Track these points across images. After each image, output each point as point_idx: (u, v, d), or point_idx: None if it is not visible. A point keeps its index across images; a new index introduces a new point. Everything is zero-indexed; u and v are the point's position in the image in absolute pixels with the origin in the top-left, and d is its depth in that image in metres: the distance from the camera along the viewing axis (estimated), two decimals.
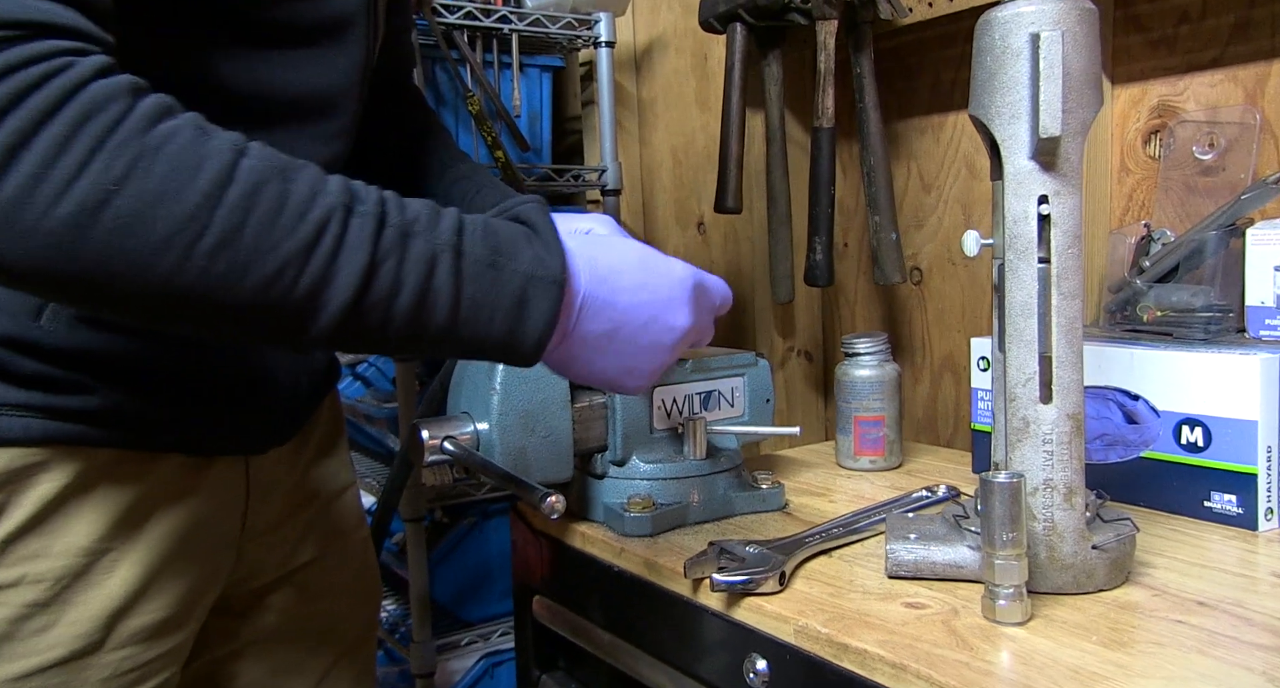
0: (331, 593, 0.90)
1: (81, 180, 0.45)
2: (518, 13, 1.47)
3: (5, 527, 0.63)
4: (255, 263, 0.49)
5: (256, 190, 0.50)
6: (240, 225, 0.49)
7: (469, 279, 0.56)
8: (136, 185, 0.46)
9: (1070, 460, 0.71)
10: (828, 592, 0.75)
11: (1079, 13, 0.69)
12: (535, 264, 0.58)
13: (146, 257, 0.47)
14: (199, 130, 0.50)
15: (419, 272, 0.54)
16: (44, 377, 0.63)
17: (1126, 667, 0.59)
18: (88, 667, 0.67)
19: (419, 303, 0.54)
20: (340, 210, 0.52)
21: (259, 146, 0.52)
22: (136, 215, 0.46)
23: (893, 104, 1.32)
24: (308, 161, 0.54)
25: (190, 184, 0.48)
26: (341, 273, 0.52)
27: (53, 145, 0.45)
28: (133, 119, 0.47)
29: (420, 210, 0.56)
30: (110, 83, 0.47)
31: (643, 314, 0.64)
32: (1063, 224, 0.70)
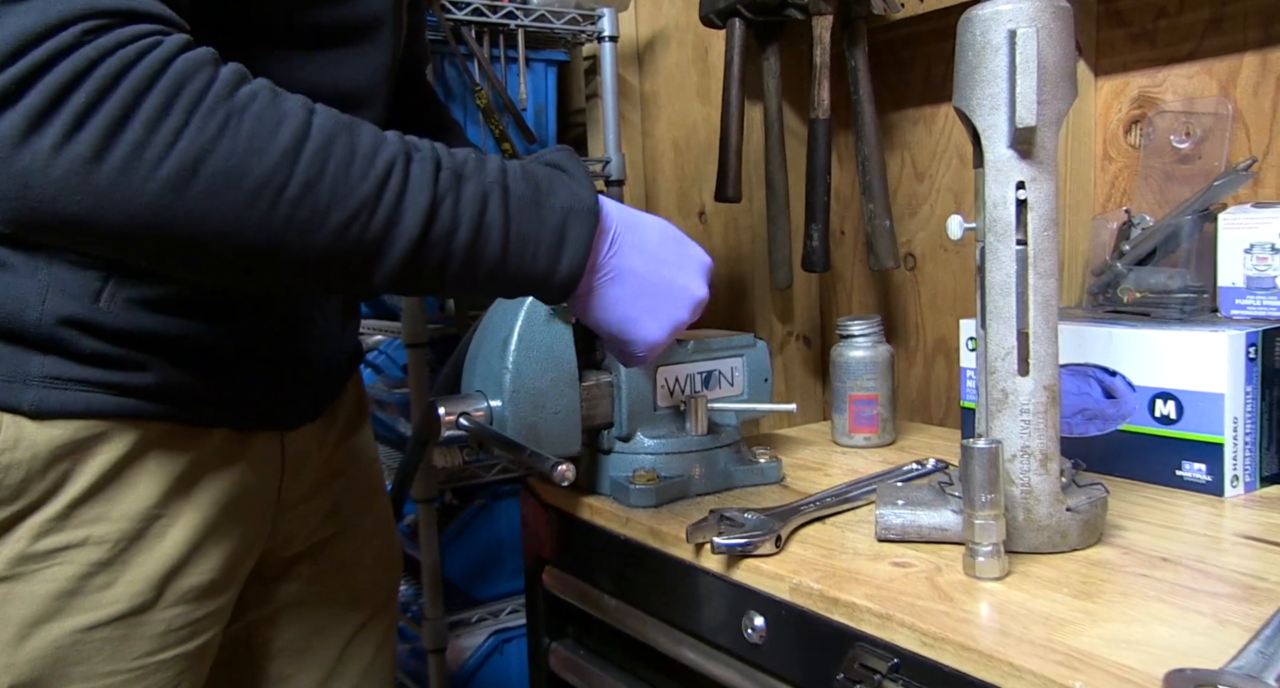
0: (357, 562, 0.95)
1: (180, 143, 0.51)
2: (524, 8, 1.52)
3: (71, 492, 0.69)
4: (334, 207, 0.55)
5: (330, 143, 0.55)
6: (319, 175, 0.55)
7: (515, 215, 0.62)
8: (228, 144, 0.52)
9: (1046, 429, 0.76)
10: (821, 554, 0.80)
11: (1054, 10, 0.73)
12: (571, 198, 0.65)
13: (239, 208, 0.53)
14: (273, 92, 0.55)
15: (473, 209, 0.60)
16: (103, 355, 0.69)
17: (1092, 613, 0.65)
18: (144, 623, 0.72)
19: (474, 238, 0.60)
20: (402, 157, 0.58)
21: (323, 105, 0.58)
22: (229, 171, 0.52)
23: (887, 96, 1.37)
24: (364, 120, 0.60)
25: (273, 140, 0.53)
26: (408, 213, 0.58)
27: (153, 114, 0.50)
28: (218, 85, 0.53)
29: (468, 155, 0.62)
30: (194, 55, 0.53)
31: (666, 271, 0.70)
32: (1039, 208, 0.75)
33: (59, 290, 0.66)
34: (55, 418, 0.68)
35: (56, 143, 0.49)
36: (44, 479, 0.68)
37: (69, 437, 0.68)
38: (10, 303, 0.66)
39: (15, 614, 0.68)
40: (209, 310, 0.73)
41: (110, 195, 0.50)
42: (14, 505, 0.67)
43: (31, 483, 0.67)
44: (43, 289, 0.66)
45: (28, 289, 0.66)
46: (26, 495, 0.67)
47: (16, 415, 0.67)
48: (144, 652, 0.72)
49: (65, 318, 0.67)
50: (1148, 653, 0.58)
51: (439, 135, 1.01)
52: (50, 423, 0.67)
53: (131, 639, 0.72)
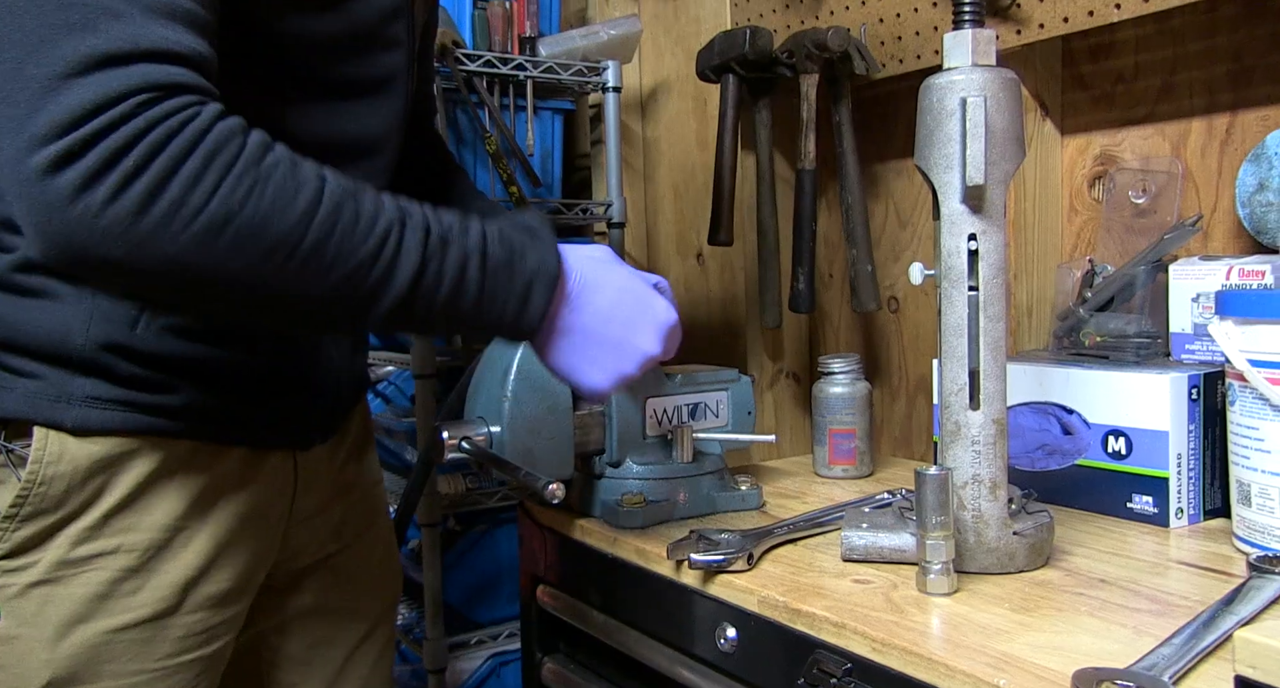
0: (360, 576, 1.02)
1: (212, 203, 0.59)
2: (532, 61, 1.62)
3: (106, 503, 0.76)
4: (337, 264, 0.64)
5: (339, 209, 0.64)
6: (328, 236, 0.64)
7: (490, 275, 0.71)
8: (253, 206, 0.61)
9: (995, 459, 0.83)
10: (789, 571, 0.87)
11: (1002, 81, 0.82)
12: (539, 263, 0.74)
13: (258, 260, 0.61)
14: (293, 161, 0.64)
15: (455, 270, 0.70)
16: (137, 377, 0.77)
17: (1026, 624, 0.72)
18: (167, 626, 0.79)
19: (454, 293, 0.70)
20: (397, 224, 0.67)
21: (332, 171, 0.67)
22: (252, 229, 0.61)
23: (872, 148, 1.45)
24: (366, 184, 0.69)
25: (292, 204, 0.62)
26: (400, 272, 0.67)
27: (190, 178, 0.59)
28: (248, 153, 0.62)
29: (452, 221, 0.71)
30: (227, 125, 0.62)
31: (615, 330, 0.79)
32: (989, 258, 0.83)
33: (102, 319, 0.74)
34: (94, 435, 0.75)
35: (107, 198, 0.57)
36: (83, 491, 0.75)
37: (106, 452, 0.76)
38: (59, 330, 0.74)
39: (55, 615, 0.75)
40: (232, 339, 0.81)
41: (148, 245, 0.59)
42: (56, 514, 0.75)
43: (72, 494, 0.75)
44: (87, 317, 0.74)
45: (74, 317, 0.74)
46: (67, 505, 0.75)
47: (60, 432, 0.74)
48: (167, 653, 0.79)
49: (106, 343, 0.75)
50: (1068, 657, 0.65)
51: (444, 180, 1.10)
52: (90, 439, 0.75)
53: (156, 641, 0.79)
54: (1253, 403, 0.84)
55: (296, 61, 0.76)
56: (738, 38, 1.34)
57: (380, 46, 0.81)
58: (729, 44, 1.35)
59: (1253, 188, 1.01)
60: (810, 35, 1.28)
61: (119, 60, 0.58)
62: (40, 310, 0.73)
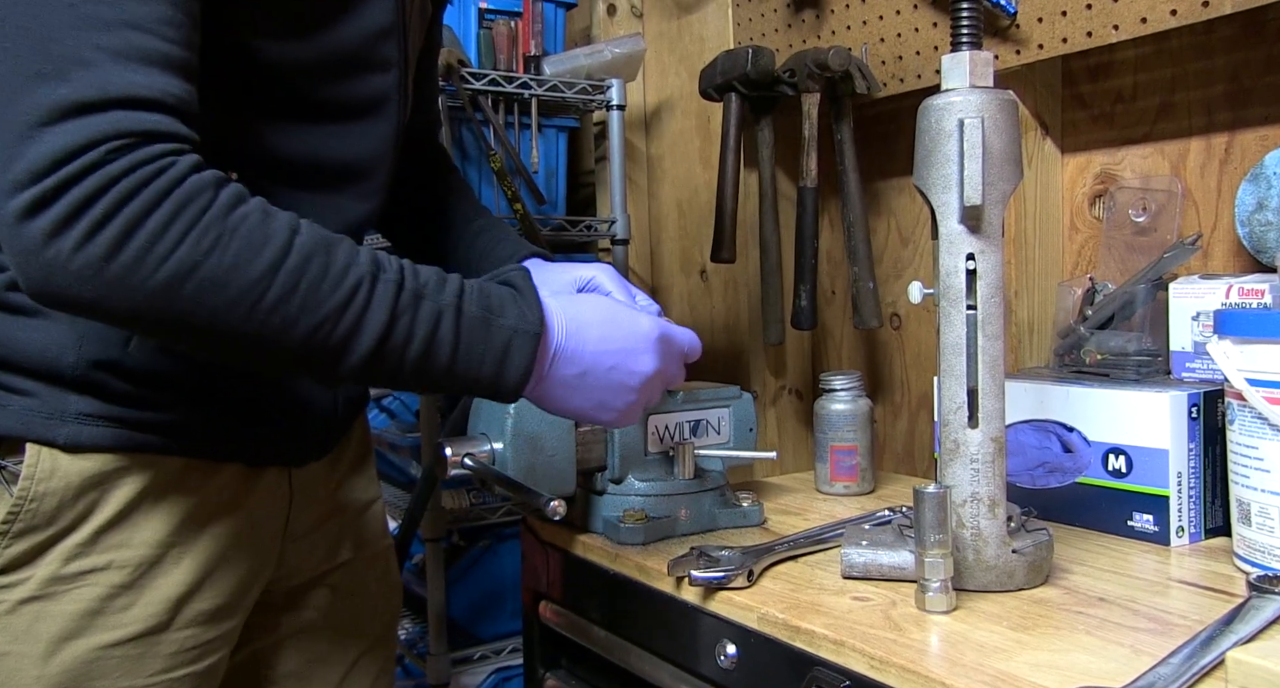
0: (359, 594, 1.02)
1: (178, 252, 0.61)
2: (537, 79, 1.63)
3: (98, 520, 0.77)
4: (303, 317, 0.65)
5: (307, 261, 0.65)
6: (293, 289, 0.64)
7: (465, 332, 0.71)
8: (217, 258, 0.62)
9: (994, 477, 0.83)
10: (789, 588, 0.87)
11: (999, 103, 0.83)
12: (519, 320, 0.73)
13: (222, 310, 0.62)
14: (264, 214, 0.65)
15: (427, 326, 0.69)
16: (130, 395, 0.77)
17: (1024, 643, 0.72)
18: (159, 642, 0.80)
19: (426, 350, 0.69)
20: (369, 278, 0.67)
21: (308, 224, 0.67)
22: (216, 280, 0.62)
23: (874, 166, 1.46)
24: (345, 236, 0.69)
25: (258, 257, 0.63)
26: (368, 326, 0.67)
27: (159, 226, 0.60)
28: (216, 206, 0.63)
29: (430, 276, 0.71)
30: (199, 178, 0.63)
31: (607, 361, 0.78)
32: (987, 277, 0.83)
33: (94, 337, 0.75)
34: (86, 452, 0.76)
35: (77, 243, 0.59)
36: (74, 507, 0.76)
37: (97, 469, 0.76)
38: (51, 348, 0.75)
39: (46, 631, 0.75)
40: None
41: (116, 288, 0.60)
42: (48, 531, 0.75)
43: (63, 511, 0.75)
44: (79, 336, 0.75)
45: (66, 335, 0.75)
46: (59, 522, 0.75)
47: (52, 449, 0.75)
48: (158, 669, 0.79)
49: (98, 361, 0.76)
50: (1064, 676, 0.65)
51: (449, 197, 1.11)
52: (82, 456, 0.76)
53: (148, 657, 0.79)
54: (1252, 422, 0.84)
55: (282, 85, 0.77)
56: (740, 57, 1.35)
57: (369, 68, 0.82)
58: (731, 63, 1.37)
59: (1252, 207, 1.01)
60: (812, 55, 1.29)
61: (90, 108, 0.59)
62: (33, 328, 0.74)
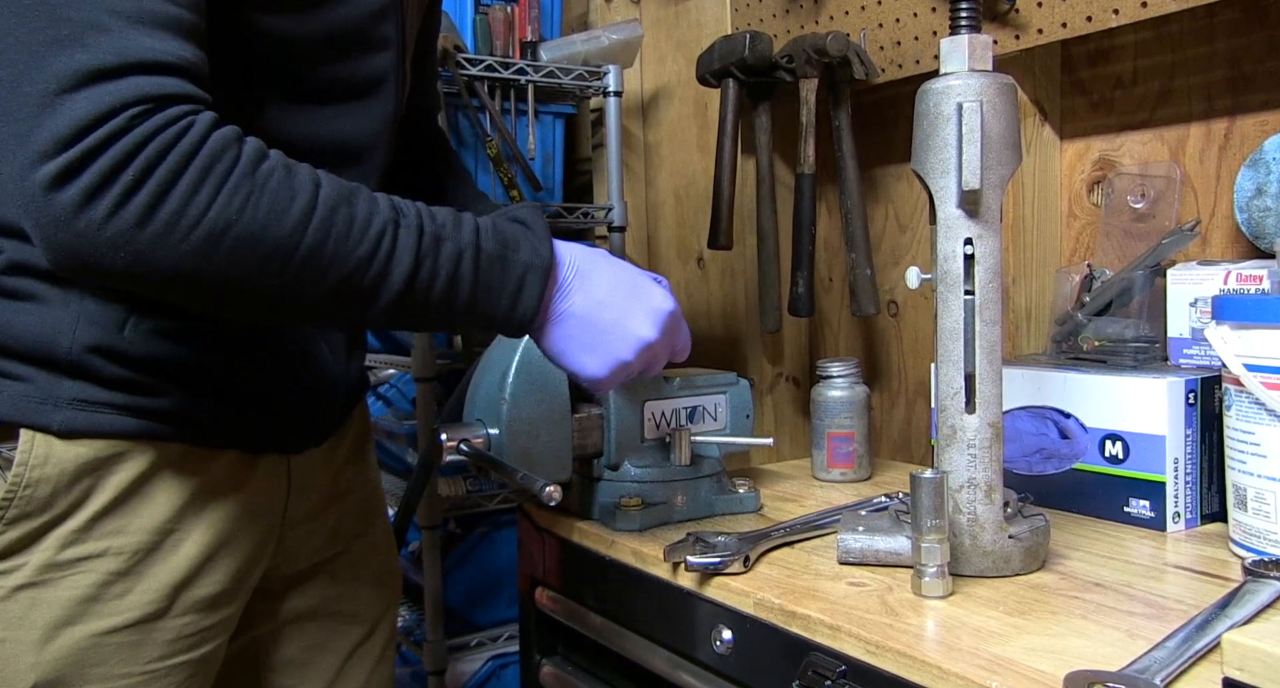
0: (358, 581, 1.02)
1: (211, 212, 0.61)
2: (534, 65, 1.62)
3: (93, 506, 0.76)
4: (334, 267, 0.66)
5: (333, 213, 0.66)
6: (323, 241, 0.65)
7: (484, 269, 0.73)
8: (250, 214, 0.62)
9: (990, 462, 0.83)
10: (785, 574, 0.87)
11: (998, 86, 0.82)
12: (532, 254, 0.76)
13: (256, 267, 0.63)
14: (286, 167, 0.66)
15: (449, 266, 0.71)
16: (126, 380, 0.77)
17: (1020, 627, 0.72)
18: (156, 629, 0.79)
19: (449, 289, 0.71)
20: (391, 225, 0.69)
21: (326, 175, 0.68)
22: (250, 237, 0.62)
23: (872, 152, 1.45)
24: (361, 185, 0.70)
25: (288, 211, 0.64)
26: (396, 271, 0.69)
27: (189, 188, 0.60)
28: (242, 163, 0.63)
29: (446, 218, 0.73)
30: (221, 134, 0.63)
31: (610, 314, 0.80)
32: (984, 262, 0.83)
33: (88, 321, 0.75)
34: (81, 438, 0.75)
35: (109, 211, 0.59)
36: (70, 494, 0.75)
37: (93, 455, 0.76)
38: (45, 332, 0.74)
39: (41, 618, 0.75)
40: (222, 342, 0.81)
41: (150, 254, 0.60)
42: (42, 517, 0.75)
43: (59, 497, 0.75)
44: (74, 320, 0.75)
45: (60, 320, 0.74)
46: (54, 508, 0.75)
47: (47, 435, 0.75)
48: (156, 657, 0.79)
49: (93, 346, 0.75)
50: (1060, 660, 0.65)
51: (445, 181, 1.11)
52: (77, 442, 0.75)
53: (145, 644, 0.79)
54: (1249, 408, 0.84)
55: (279, 63, 0.77)
56: (737, 43, 1.34)
57: (367, 48, 0.82)
58: (729, 49, 1.36)
59: (1250, 193, 1.01)
60: (810, 40, 1.28)
61: (109, 74, 0.59)
62: (27, 313, 0.74)
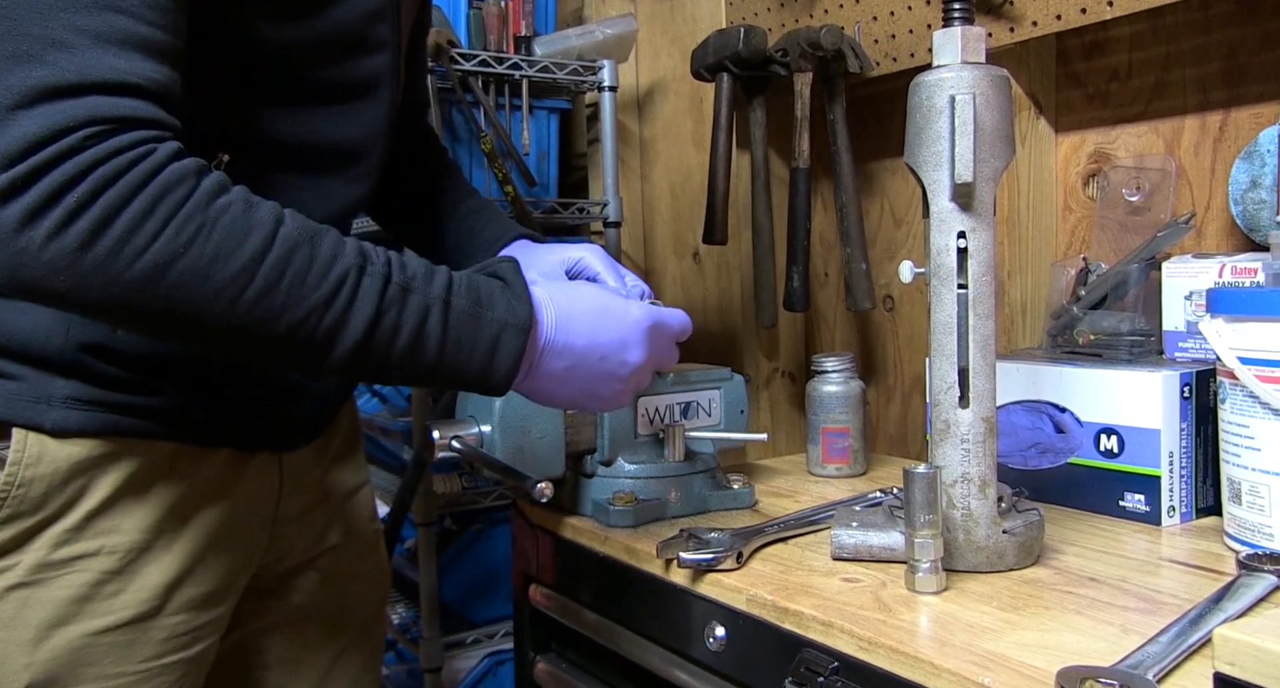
0: (348, 578, 1.02)
1: (157, 243, 0.59)
2: (528, 60, 1.62)
3: (87, 505, 0.76)
4: (287, 310, 0.63)
5: (291, 253, 0.63)
6: (277, 281, 0.62)
7: (453, 326, 0.69)
8: (197, 250, 0.60)
9: (984, 457, 0.83)
10: (779, 570, 0.87)
11: (991, 79, 0.82)
12: (508, 313, 0.72)
13: (202, 303, 0.61)
14: (246, 204, 0.63)
15: (415, 320, 0.68)
16: (119, 379, 0.76)
17: (1013, 623, 0.71)
18: (149, 628, 0.79)
19: (413, 344, 0.68)
20: (355, 270, 0.66)
21: (292, 214, 0.66)
22: (197, 272, 0.60)
23: (867, 146, 1.45)
24: (331, 227, 0.67)
25: (240, 248, 0.61)
26: (354, 320, 0.65)
27: (136, 216, 0.58)
28: (197, 196, 0.61)
29: (418, 268, 0.70)
30: (180, 166, 0.61)
31: (596, 353, 0.78)
32: (978, 256, 0.82)
33: (81, 320, 0.74)
34: (75, 437, 0.75)
35: (50, 232, 0.57)
36: (63, 493, 0.75)
37: (86, 454, 0.75)
38: (39, 331, 0.74)
39: (34, 617, 0.74)
40: None
41: (91, 279, 0.58)
42: (36, 516, 0.74)
43: (52, 496, 0.75)
44: (67, 319, 0.74)
45: (54, 318, 0.74)
46: (47, 507, 0.75)
47: (40, 434, 0.74)
48: (149, 656, 0.79)
49: (86, 345, 0.74)
50: (1053, 655, 0.65)
51: (437, 179, 1.10)
52: (70, 441, 0.75)
53: (138, 644, 0.78)
54: (1243, 401, 0.84)
55: (276, 66, 0.76)
56: (732, 36, 1.33)
57: (364, 50, 0.81)
58: (723, 43, 1.35)
59: (1245, 185, 1.00)
60: (804, 33, 1.27)
61: (67, 92, 0.57)
62: (20, 311, 0.73)
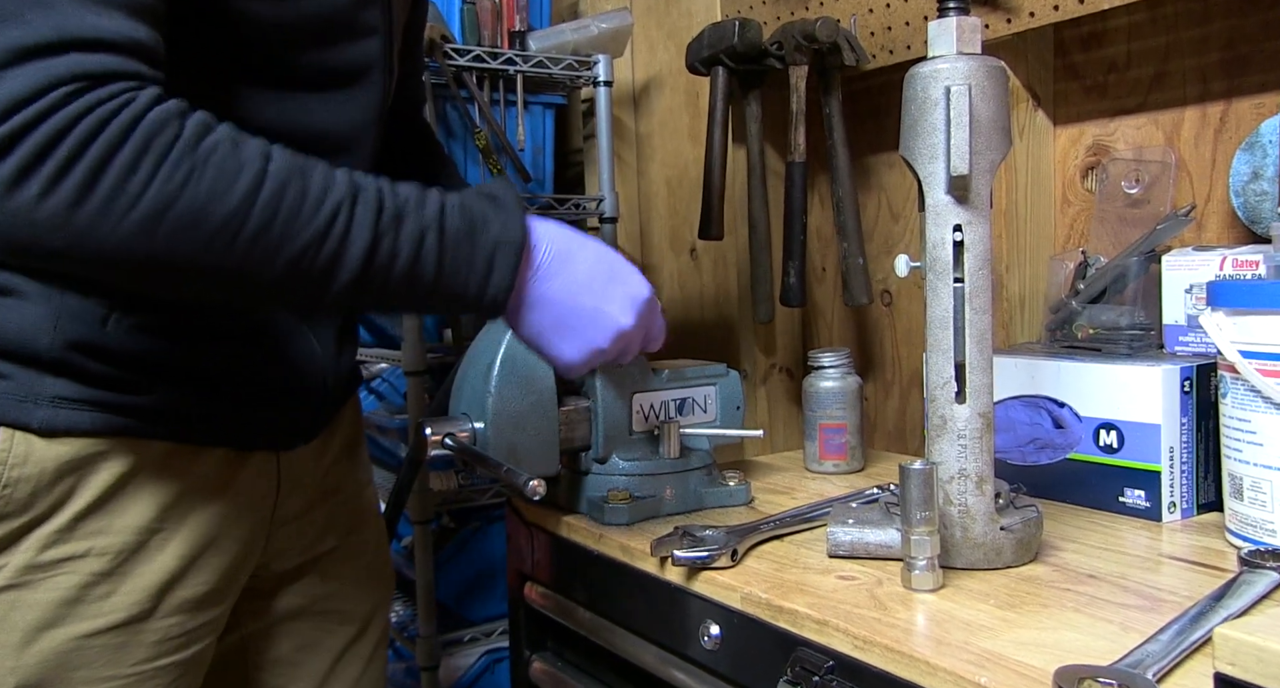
0: (349, 579, 1.01)
1: (149, 191, 0.59)
2: (522, 55, 1.60)
3: (76, 506, 0.74)
4: (284, 246, 0.63)
5: (283, 188, 0.63)
6: (272, 218, 0.62)
7: (449, 247, 0.70)
8: (190, 192, 0.60)
9: (981, 453, 0.82)
10: (774, 567, 0.86)
11: (987, 70, 0.80)
12: (502, 231, 0.72)
13: (200, 246, 0.61)
14: (234, 142, 0.63)
15: (410, 245, 0.68)
16: (108, 376, 0.75)
17: (1011, 621, 0.70)
18: (142, 631, 0.78)
19: (410, 269, 0.68)
20: (348, 201, 0.66)
21: (280, 149, 0.65)
22: (192, 215, 0.60)
23: (864, 140, 1.44)
24: (320, 160, 0.67)
25: (232, 188, 0.61)
26: (351, 250, 0.65)
27: (125, 166, 0.58)
28: (184, 138, 0.60)
29: (410, 193, 0.70)
30: (162, 109, 0.61)
31: (588, 301, 0.77)
32: (974, 249, 0.81)
33: (69, 317, 0.73)
34: (63, 436, 0.73)
35: (42, 191, 0.57)
36: (51, 493, 0.73)
37: (74, 453, 0.74)
38: (26, 328, 0.72)
39: (22, 620, 0.73)
40: (209, 337, 0.79)
41: (88, 235, 0.58)
42: (22, 517, 0.73)
43: (39, 497, 0.73)
44: (55, 316, 0.73)
45: (41, 316, 0.72)
46: (34, 508, 0.73)
47: (27, 433, 0.73)
48: (141, 659, 0.78)
49: (74, 342, 0.73)
50: (1051, 654, 0.64)
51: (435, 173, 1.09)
52: (58, 440, 0.73)
53: (130, 646, 0.77)
54: (1245, 395, 0.83)
55: (261, 49, 0.74)
56: (726, 30, 1.32)
57: (351, 35, 0.80)
58: (718, 36, 1.34)
59: (1247, 177, 0.99)
60: (799, 26, 1.26)
61: (47, 51, 0.57)
62: (6, 309, 0.72)
